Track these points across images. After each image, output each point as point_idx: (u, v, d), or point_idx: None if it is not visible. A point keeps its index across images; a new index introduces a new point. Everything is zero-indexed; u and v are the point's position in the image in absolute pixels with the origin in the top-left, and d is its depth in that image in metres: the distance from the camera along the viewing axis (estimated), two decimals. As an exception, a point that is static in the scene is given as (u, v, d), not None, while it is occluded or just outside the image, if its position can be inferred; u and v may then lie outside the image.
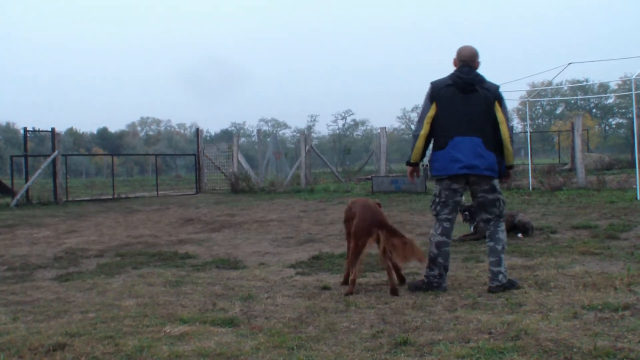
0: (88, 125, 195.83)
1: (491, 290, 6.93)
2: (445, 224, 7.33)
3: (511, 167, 7.50)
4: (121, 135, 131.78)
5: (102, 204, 24.45)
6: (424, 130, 7.35)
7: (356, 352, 4.90)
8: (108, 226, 15.80)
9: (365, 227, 7.14)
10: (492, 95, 7.30)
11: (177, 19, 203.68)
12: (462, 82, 7.26)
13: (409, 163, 7.71)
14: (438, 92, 7.33)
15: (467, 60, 7.39)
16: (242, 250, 10.99)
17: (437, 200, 7.42)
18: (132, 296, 7.30)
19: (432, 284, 7.16)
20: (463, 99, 7.26)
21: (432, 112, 7.33)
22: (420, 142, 7.41)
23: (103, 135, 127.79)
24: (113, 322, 6.03)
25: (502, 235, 7.29)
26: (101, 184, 44.92)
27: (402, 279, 7.49)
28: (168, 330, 5.61)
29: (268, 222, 15.21)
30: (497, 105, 7.29)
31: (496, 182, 7.40)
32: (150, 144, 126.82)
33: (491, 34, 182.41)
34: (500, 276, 7.01)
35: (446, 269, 7.26)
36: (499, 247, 7.19)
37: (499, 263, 7.09)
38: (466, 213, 11.05)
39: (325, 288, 7.32)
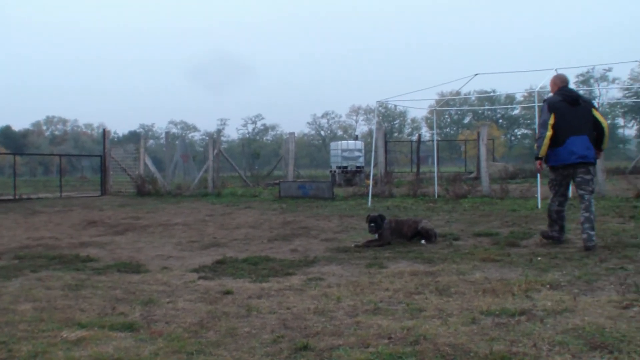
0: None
1: (589, 249, 9.66)
2: (561, 198, 10.56)
3: (602, 150, 10.62)
4: (25, 134, 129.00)
5: (2, 205, 23.89)
6: (550, 133, 10.25)
7: (256, 357, 4.88)
8: (7, 227, 15.44)
9: None
10: (589, 105, 10.54)
11: (86, 12, 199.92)
12: (570, 99, 10.39)
13: (537, 158, 10.69)
14: (554, 106, 10.35)
15: (565, 84, 10.79)
16: (145, 253, 10.86)
17: (555, 182, 10.56)
18: (29, 300, 7.12)
19: (554, 238, 10.56)
20: (571, 110, 10.30)
21: (552, 120, 10.27)
22: (547, 141, 10.28)
23: (6, 134, 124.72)
24: (7, 327, 5.87)
25: (593, 207, 10.19)
26: (2, 184, 43.73)
27: None
28: (65, 335, 5.49)
29: (173, 226, 15.09)
30: (594, 111, 10.42)
31: (592, 167, 10.37)
32: (56, 144, 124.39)
33: (400, 42, 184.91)
34: (595, 238, 9.90)
35: (563, 228, 10.63)
36: (593, 217, 10.04)
37: (593, 228, 9.91)
38: (372, 224, 11.17)
39: (228, 293, 7.28)
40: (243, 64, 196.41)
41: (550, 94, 10.95)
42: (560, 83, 10.75)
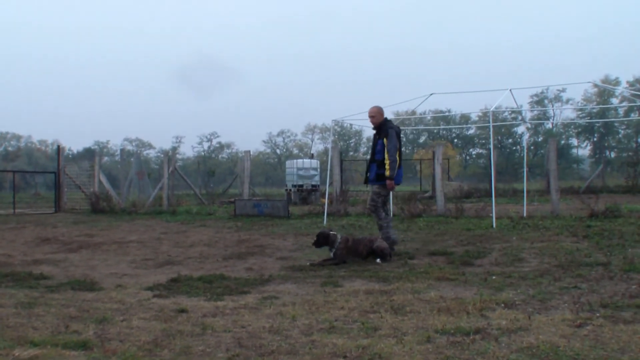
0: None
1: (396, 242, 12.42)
2: (386, 210, 12.83)
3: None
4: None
5: (-47, 222, 23.49)
6: (399, 158, 12.26)
7: (211, 376, 4.86)
8: (-42, 244, 15.19)
9: None
10: None
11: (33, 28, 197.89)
12: (398, 129, 12.62)
13: (389, 177, 12.12)
14: (399, 134, 12.42)
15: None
16: (99, 271, 10.76)
17: (383, 199, 12.55)
18: (-20, 318, 7.02)
19: (396, 240, 12.50)
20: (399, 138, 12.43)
21: (400, 146, 12.27)
22: (398, 164, 12.25)
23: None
24: (-43, 345, 5.77)
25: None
26: (-47, 201, 43.17)
27: None
28: (17, 354, 5.41)
29: (127, 244, 14.96)
30: None
31: None
32: (9, 160, 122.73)
33: (356, 61, 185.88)
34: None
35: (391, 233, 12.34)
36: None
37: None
38: (316, 239, 11.34)
39: (182, 311, 7.23)
40: (200, 82, 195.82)
41: (374, 122, 12.69)
42: (384, 113, 12.74)
